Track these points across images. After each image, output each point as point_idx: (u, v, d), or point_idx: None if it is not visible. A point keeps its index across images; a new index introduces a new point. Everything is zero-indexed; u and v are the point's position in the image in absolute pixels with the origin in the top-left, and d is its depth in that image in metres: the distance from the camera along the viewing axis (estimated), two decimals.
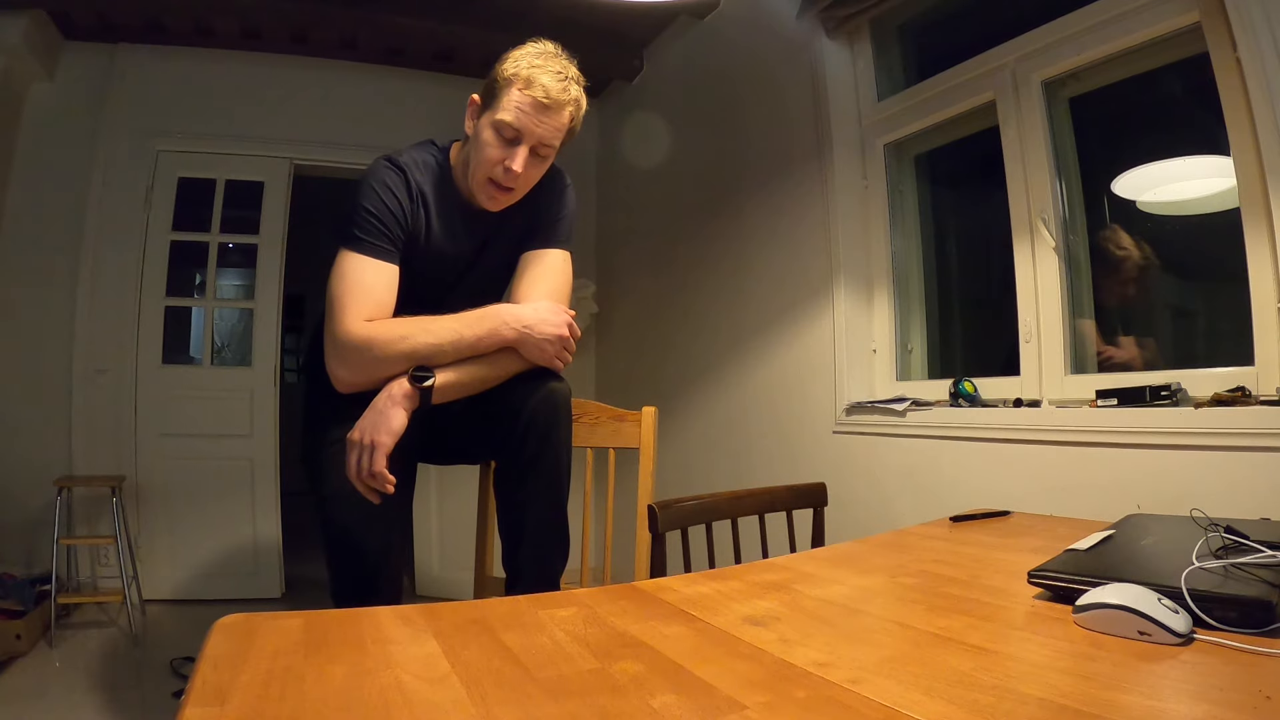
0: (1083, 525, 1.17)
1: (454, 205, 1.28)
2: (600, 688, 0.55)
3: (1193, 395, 1.46)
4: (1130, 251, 1.68)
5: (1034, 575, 0.78)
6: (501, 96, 1.16)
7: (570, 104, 1.20)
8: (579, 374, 3.86)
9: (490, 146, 1.17)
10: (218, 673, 0.57)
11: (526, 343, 1.20)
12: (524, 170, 1.18)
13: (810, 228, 2.40)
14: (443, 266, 1.32)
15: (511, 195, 1.23)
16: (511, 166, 1.16)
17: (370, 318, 1.14)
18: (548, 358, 1.22)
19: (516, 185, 1.21)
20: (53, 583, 2.70)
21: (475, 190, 1.22)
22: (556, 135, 1.20)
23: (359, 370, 1.14)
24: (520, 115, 1.15)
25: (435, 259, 1.29)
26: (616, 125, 3.84)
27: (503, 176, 1.18)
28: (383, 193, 1.19)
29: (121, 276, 3.18)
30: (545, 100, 1.15)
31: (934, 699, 0.52)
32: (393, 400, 1.11)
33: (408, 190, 1.22)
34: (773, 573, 0.92)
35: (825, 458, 2.29)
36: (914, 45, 2.36)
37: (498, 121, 1.16)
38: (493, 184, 1.20)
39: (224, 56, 3.34)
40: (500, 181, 1.19)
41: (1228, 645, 0.60)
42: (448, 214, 1.28)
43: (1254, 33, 1.32)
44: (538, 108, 1.16)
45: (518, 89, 1.15)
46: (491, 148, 1.17)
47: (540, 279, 1.31)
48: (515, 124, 1.15)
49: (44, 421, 3.07)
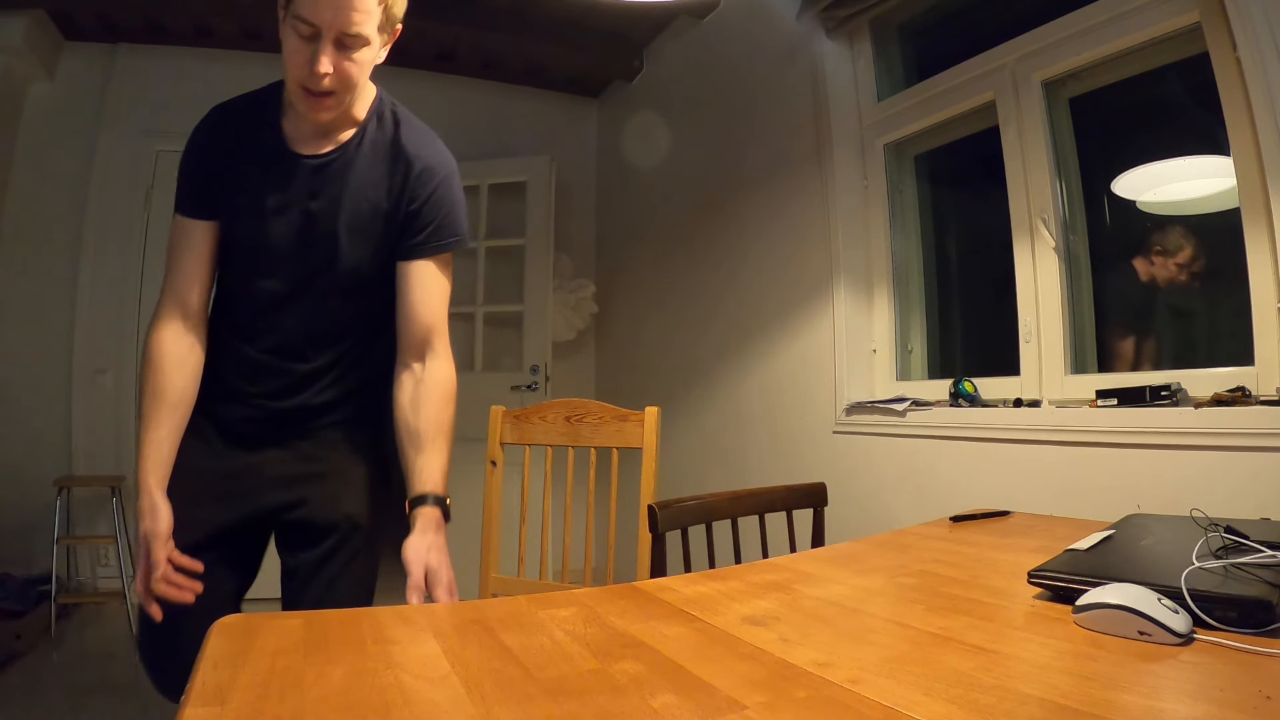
0: (1083, 525, 1.16)
1: (273, 149, 1.14)
2: (600, 688, 0.55)
3: (1193, 395, 1.46)
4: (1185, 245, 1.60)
5: (1034, 575, 0.78)
6: None
7: None
8: (579, 374, 3.86)
9: (293, 52, 1.04)
10: (218, 673, 0.57)
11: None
12: (334, 69, 1.03)
13: (810, 228, 2.40)
14: (267, 226, 1.16)
15: (334, 99, 1.07)
16: (316, 69, 1.01)
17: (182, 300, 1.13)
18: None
19: (332, 87, 1.05)
20: (53, 583, 2.70)
21: (296, 104, 1.09)
22: (359, 19, 1.01)
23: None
24: (311, 3, 0.99)
25: (255, 215, 1.15)
26: (616, 125, 3.84)
27: (309, 80, 1.03)
28: (190, 144, 1.14)
29: (121, 276, 3.18)
30: None
31: (934, 699, 0.52)
32: (144, 487, 1.06)
33: (213, 136, 1.13)
34: (773, 573, 0.92)
35: (825, 458, 2.29)
36: (914, 45, 2.36)
37: (294, 16, 1.01)
38: (307, 91, 1.05)
39: (224, 56, 3.34)
40: (310, 87, 1.04)
41: (1228, 645, 0.60)
42: (264, 159, 1.13)
43: (1254, 33, 1.32)
44: None
45: None
46: (294, 52, 1.03)
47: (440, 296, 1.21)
48: (307, 17, 0.99)
49: (44, 421, 3.07)
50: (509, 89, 3.83)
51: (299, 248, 1.15)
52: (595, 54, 3.54)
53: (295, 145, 1.13)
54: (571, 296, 3.61)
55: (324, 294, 1.19)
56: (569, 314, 3.61)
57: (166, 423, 1.09)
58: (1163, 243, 1.61)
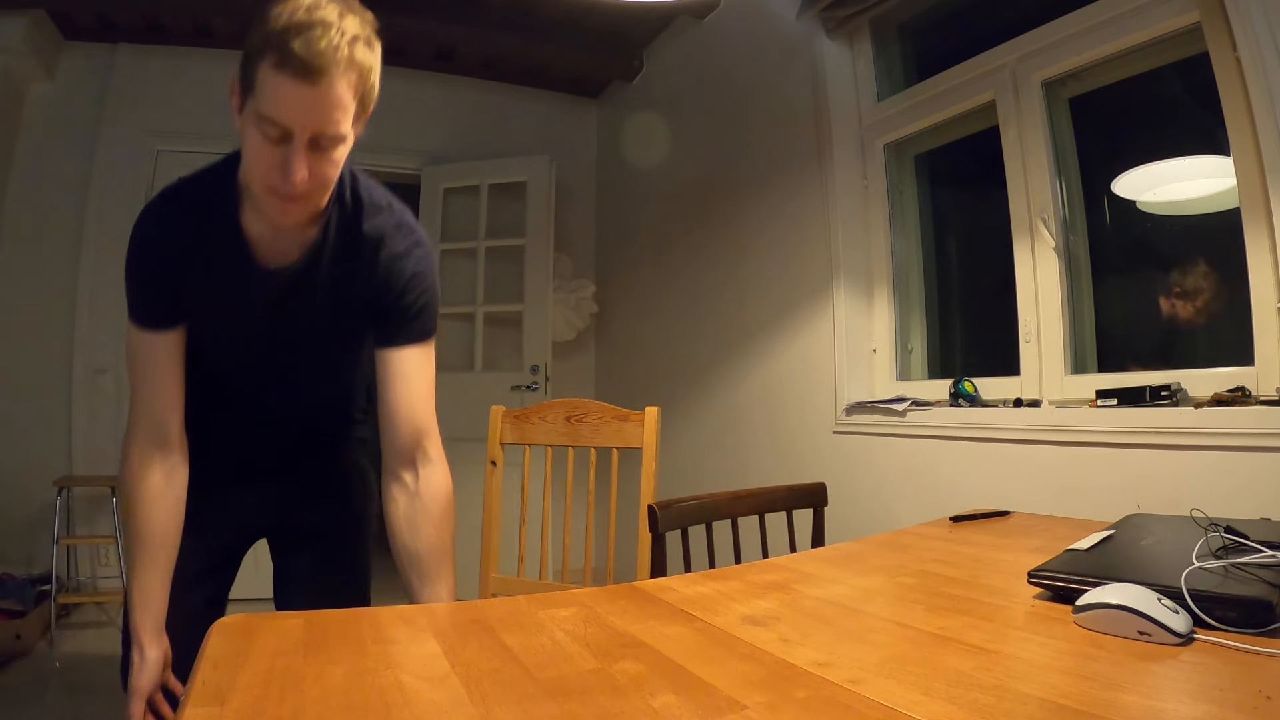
0: (1083, 525, 1.17)
1: (235, 253, 1.01)
2: (600, 688, 0.55)
3: (1193, 395, 1.46)
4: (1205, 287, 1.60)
5: (1034, 575, 0.78)
6: (257, 76, 0.86)
7: (343, 66, 0.86)
8: (579, 374, 3.86)
9: (258, 153, 0.89)
10: (218, 673, 0.57)
11: None
12: (310, 173, 0.90)
13: (810, 228, 2.40)
14: (236, 332, 1.09)
15: (306, 202, 0.95)
16: (292, 178, 0.88)
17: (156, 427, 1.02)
18: None
19: (307, 191, 0.92)
20: (53, 583, 2.70)
21: (260, 204, 0.95)
22: (339, 118, 0.89)
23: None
24: (280, 105, 0.85)
25: (221, 322, 1.06)
26: (616, 125, 3.84)
27: (282, 186, 0.90)
28: (140, 246, 1.00)
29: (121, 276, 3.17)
30: (305, 75, 0.84)
31: (934, 699, 0.52)
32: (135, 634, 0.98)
33: (165, 234, 0.99)
34: (773, 573, 0.92)
35: (825, 458, 2.29)
36: (914, 45, 2.36)
37: (259, 116, 0.86)
38: (274, 194, 0.92)
39: (224, 56, 3.34)
40: (281, 192, 0.91)
41: (1228, 645, 0.60)
42: (226, 264, 1.01)
43: (1254, 33, 1.32)
44: (298, 88, 0.84)
45: (271, 65, 0.84)
46: (260, 154, 0.89)
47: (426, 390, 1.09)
48: (277, 118, 0.85)
49: (44, 421, 3.07)
50: (509, 89, 3.83)
51: (271, 350, 1.10)
52: (595, 54, 3.54)
53: (258, 248, 1.01)
54: (571, 296, 3.61)
55: (299, 380, 1.16)
56: (569, 314, 3.61)
57: (154, 566, 1.00)
58: (1183, 284, 1.61)
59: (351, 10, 0.89)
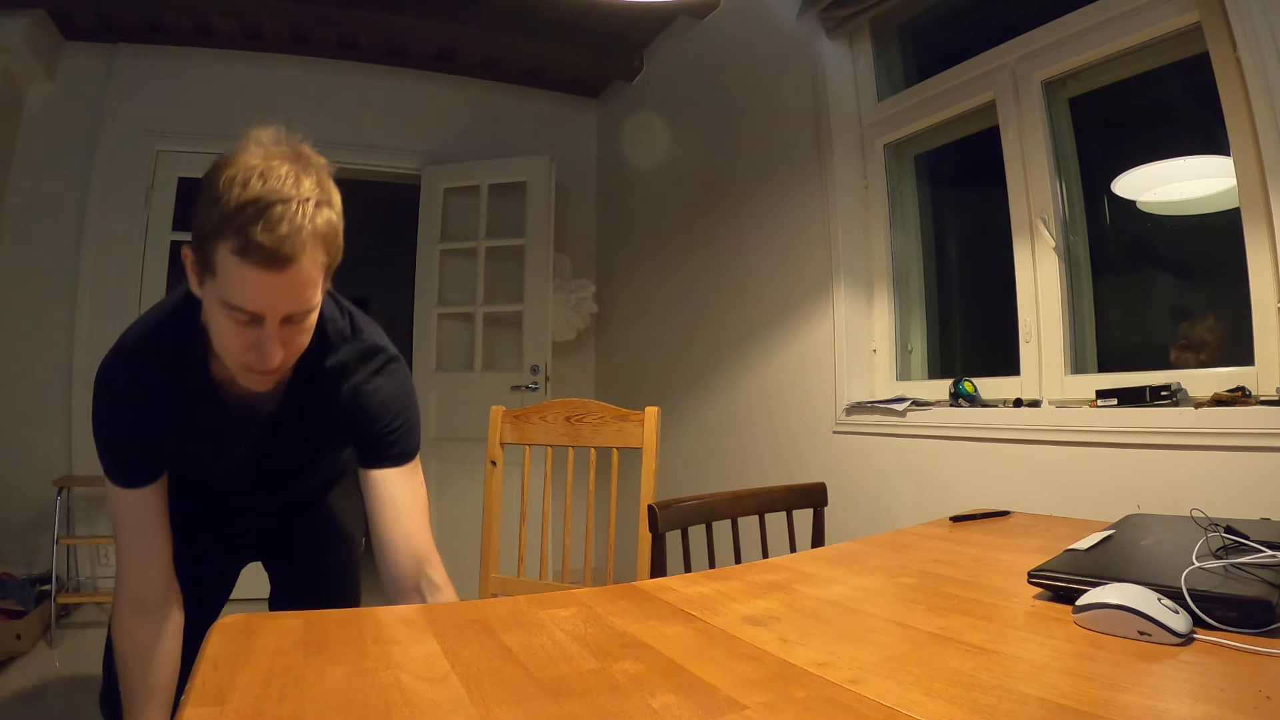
0: (1083, 525, 1.17)
1: (208, 401, 0.99)
2: (600, 688, 0.55)
3: (1193, 395, 1.45)
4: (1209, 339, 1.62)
5: (1034, 575, 0.78)
6: (217, 262, 0.81)
7: (310, 246, 0.82)
8: (579, 374, 3.86)
9: (229, 334, 0.86)
10: (218, 673, 0.57)
11: None
12: (284, 346, 0.88)
13: (810, 227, 2.40)
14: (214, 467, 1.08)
15: (281, 370, 0.93)
16: (268, 360, 0.86)
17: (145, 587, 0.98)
18: None
19: (282, 363, 0.90)
20: (53, 583, 2.70)
21: (236, 375, 0.92)
22: (310, 295, 0.86)
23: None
24: (248, 295, 0.81)
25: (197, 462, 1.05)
26: (616, 126, 3.84)
27: (258, 364, 0.87)
28: (110, 408, 0.97)
29: (121, 276, 3.18)
30: (272, 264, 0.79)
31: (934, 699, 0.52)
32: None
33: (135, 386, 0.96)
34: (773, 573, 0.92)
35: (825, 458, 2.29)
36: (914, 45, 2.36)
37: (225, 303, 0.83)
38: (251, 370, 0.90)
39: (224, 56, 3.34)
40: (257, 369, 0.89)
41: (1228, 645, 0.60)
42: (199, 412, 0.99)
43: (1254, 33, 1.32)
44: (266, 277, 0.80)
45: (232, 252, 0.79)
46: (231, 335, 0.86)
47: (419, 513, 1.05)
48: (246, 307, 0.82)
49: (44, 421, 3.07)
50: (509, 89, 3.83)
51: (252, 465, 1.11)
52: (595, 54, 3.54)
53: (230, 391, 0.99)
54: (571, 296, 3.61)
55: (283, 479, 1.19)
56: (569, 314, 3.61)
57: (151, 707, 0.98)
58: (1189, 336, 1.62)
59: (301, 162, 0.84)
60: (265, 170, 0.80)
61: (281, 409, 1.03)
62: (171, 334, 0.97)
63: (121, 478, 0.97)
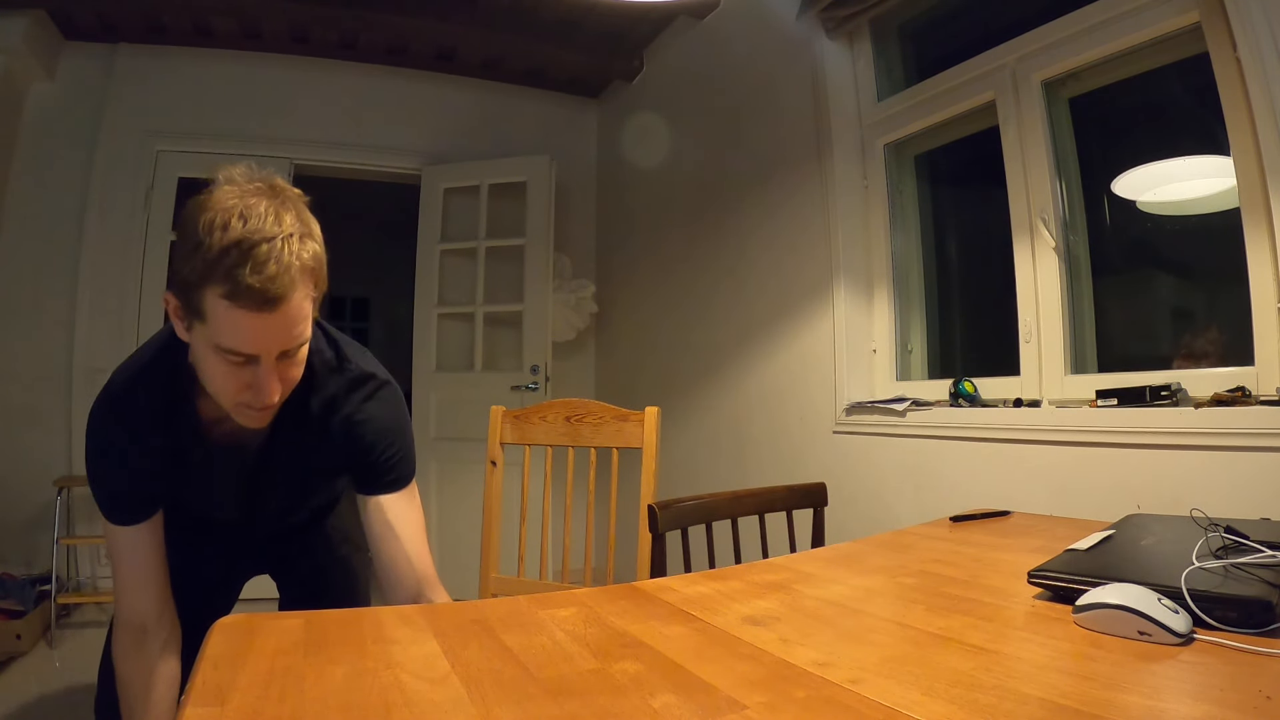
0: (1083, 525, 1.17)
1: (198, 440, 1.00)
2: (600, 688, 0.55)
3: (1193, 395, 1.45)
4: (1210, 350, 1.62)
5: (1034, 575, 0.78)
6: (205, 308, 0.80)
7: (299, 282, 0.82)
8: (579, 374, 3.86)
9: (222, 375, 0.86)
10: (218, 673, 0.57)
11: None
12: (280, 380, 0.88)
13: (810, 227, 2.40)
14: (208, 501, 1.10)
15: (276, 404, 0.92)
16: (265, 397, 0.87)
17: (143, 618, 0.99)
18: None
19: (278, 398, 0.90)
20: (53, 583, 2.70)
21: (231, 413, 0.93)
22: (301, 330, 0.86)
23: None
24: (241, 338, 0.81)
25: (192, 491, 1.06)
26: (616, 125, 3.84)
27: (255, 401, 0.88)
28: (103, 455, 0.96)
29: (121, 276, 3.18)
30: (263, 306, 0.79)
31: (934, 699, 0.52)
32: None
33: (131, 439, 0.95)
34: (773, 573, 0.92)
35: (825, 458, 2.29)
36: (914, 45, 2.36)
37: (217, 347, 0.83)
38: (248, 408, 0.90)
39: (224, 56, 3.34)
40: (255, 406, 0.89)
41: (1228, 645, 0.60)
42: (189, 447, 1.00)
43: (1254, 33, 1.32)
44: (258, 319, 0.80)
45: (221, 297, 0.78)
46: (224, 376, 0.86)
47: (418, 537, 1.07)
48: (239, 349, 0.83)
49: (44, 421, 3.07)
50: (509, 89, 3.83)
51: (245, 512, 1.12)
52: (595, 54, 3.54)
53: (219, 429, 1.00)
54: (571, 296, 3.61)
55: (280, 507, 1.20)
56: (569, 314, 3.61)
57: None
58: (1191, 347, 1.62)
59: (278, 197, 0.83)
60: (244, 210, 0.79)
61: (270, 444, 1.03)
62: (158, 376, 0.97)
63: (115, 516, 0.97)
